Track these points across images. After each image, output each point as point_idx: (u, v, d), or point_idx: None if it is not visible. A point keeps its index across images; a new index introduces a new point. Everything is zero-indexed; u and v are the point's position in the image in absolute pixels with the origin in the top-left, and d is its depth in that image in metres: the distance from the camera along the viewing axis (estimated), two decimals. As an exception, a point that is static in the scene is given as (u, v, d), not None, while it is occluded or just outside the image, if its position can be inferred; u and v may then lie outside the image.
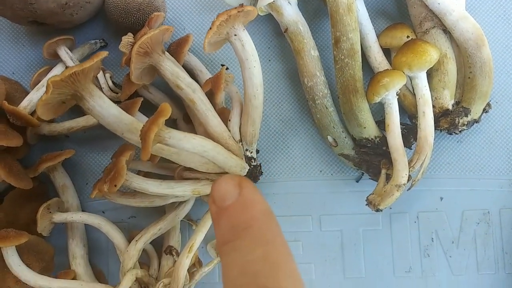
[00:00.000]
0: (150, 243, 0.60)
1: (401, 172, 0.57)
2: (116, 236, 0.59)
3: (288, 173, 0.66)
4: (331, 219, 0.65)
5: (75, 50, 0.66)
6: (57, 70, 0.63)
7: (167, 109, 0.46)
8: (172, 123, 0.64)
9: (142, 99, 0.59)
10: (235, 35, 0.54)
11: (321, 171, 0.66)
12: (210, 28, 0.52)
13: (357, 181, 0.65)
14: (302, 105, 0.67)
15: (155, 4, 0.63)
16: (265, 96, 0.67)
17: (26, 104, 0.61)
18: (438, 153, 0.65)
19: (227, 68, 0.62)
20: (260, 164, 0.62)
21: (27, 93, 0.67)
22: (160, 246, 0.63)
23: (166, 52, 0.60)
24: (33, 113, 0.62)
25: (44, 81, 0.62)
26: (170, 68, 0.55)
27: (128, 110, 0.57)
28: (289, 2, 0.60)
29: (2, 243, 0.55)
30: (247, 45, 0.54)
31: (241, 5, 0.52)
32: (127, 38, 0.58)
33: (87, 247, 0.63)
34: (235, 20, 0.53)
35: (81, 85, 0.47)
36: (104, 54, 0.49)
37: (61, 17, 0.61)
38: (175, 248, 0.60)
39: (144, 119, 0.60)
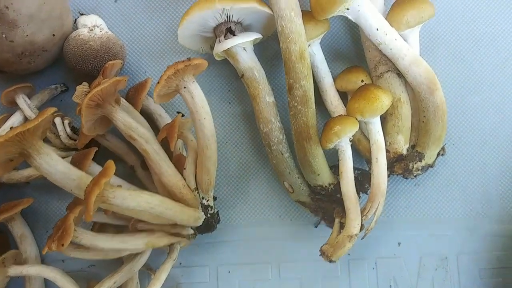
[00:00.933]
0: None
1: (353, 222, 0.56)
2: (70, 289, 0.59)
3: (247, 218, 0.66)
4: (290, 267, 0.64)
5: (35, 96, 0.66)
6: (15, 118, 0.63)
7: (110, 169, 0.47)
8: (130, 170, 0.65)
9: (96, 149, 0.59)
10: (185, 87, 0.54)
11: (280, 216, 0.66)
12: (158, 82, 0.52)
13: (315, 226, 0.65)
14: (262, 148, 0.67)
15: (112, 50, 0.64)
16: (225, 138, 0.68)
17: (-17, 151, 0.61)
18: (395, 197, 0.65)
19: (182, 115, 0.63)
20: (217, 211, 0.61)
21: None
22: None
23: (122, 99, 0.61)
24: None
25: (1, 130, 0.62)
26: (123, 119, 0.56)
27: (81, 161, 0.58)
28: (244, 49, 0.61)
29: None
30: (197, 97, 0.55)
31: (189, 59, 0.52)
32: (81, 88, 0.59)
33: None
34: (184, 73, 0.53)
35: (28, 143, 0.47)
36: (51, 110, 0.49)
37: (18, 65, 0.61)
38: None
39: (98, 169, 0.60)
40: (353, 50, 0.68)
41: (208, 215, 0.60)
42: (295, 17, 0.57)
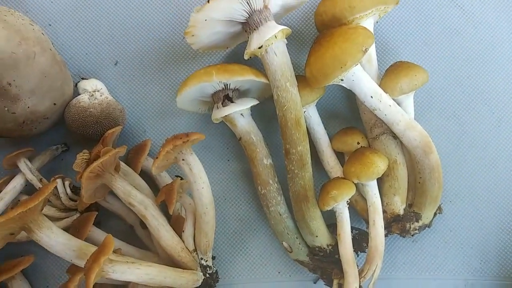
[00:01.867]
0: None
1: (352, 285, 0.57)
2: None
3: (247, 274, 0.66)
4: (290, 324, 0.65)
5: (36, 158, 0.67)
6: (17, 182, 0.64)
7: (109, 247, 0.48)
8: (130, 229, 0.66)
9: (95, 214, 0.60)
10: (183, 159, 0.56)
11: (279, 272, 0.66)
12: (157, 157, 0.54)
13: (314, 283, 0.66)
14: (260, 205, 0.68)
15: (112, 115, 0.65)
16: (223, 195, 0.69)
17: (-14, 218, 0.62)
18: (393, 254, 0.66)
19: (181, 178, 0.64)
20: (216, 270, 0.62)
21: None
22: None
23: (121, 163, 0.62)
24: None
25: (3, 194, 0.63)
26: (122, 187, 0.57)
27: (81, 227, 0.59)
28: (241, 115, 0.62)
29: None
30: (195, 168, 0.56)
31: (187, 134, 0.54)
32: (82, 156, 0.60)
33: None
34: (182, 147, 0.54)
35: (28, 219, 0.49)
36: (52, 186, 0.50)
37: (20, 132, 0.63)
38: None
39: (99, 233, 0.61)
40: (349, 111, 0.70)
41: (207, 275, 0.60)
42: (291, 87, 0.59)
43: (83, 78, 0.69)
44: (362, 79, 0.59)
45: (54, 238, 0.51)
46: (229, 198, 0.69)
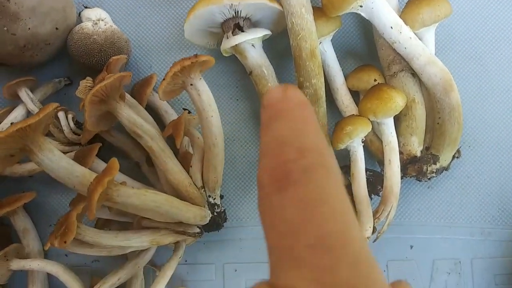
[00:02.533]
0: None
1: (365, 225, 0.55)
2: (74, 285, 0.57)
3: (255, 217, 0.64)
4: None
5: (38, 90, 0.64)
6: (18, 112, 0.62)
7: (114, 168, 0.45)
8: (135, 166, 0.63)
9: (100, 145, 0.57)
10: (191, 84, 0.52)
11: (287, 215, 0.64)
12: (164, 79, 0.50)
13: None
14: (269, 147, 0.65)
15: (117, 45, 0.62)
16: (232, 135, 0.66)
17: (-16, 147, 0.60)
18: (407, 200, 0.63)
19: (189, 112, 0.61)
20: (224, 210, 0.60)
21: (-11, 132, 0.66)
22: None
23: (126, 95, 0.59)
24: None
25: (3, 124, 0.61)
26: (128, 115, 0.54)
27: (84, 157, 0.56)
28: (253, 45, 0.59)
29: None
30: (204, 95, 0.53)
31: (196, 55, 0.51)
32: (85, 83, 0.57)
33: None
34: (190, 70, 0.51)
35: (29, 139, 0.46)
36: (54, 105, 0.48)
37: (21, 58, 0.60)
38: (136, 297, 0.59)
39: (102, 165, 0.59)
40: (365, 48, 0.66)
41: (215, 213, 0.58)
42: (306, 14, 0.55)
43: (86, 7, 0.66)
44: (382, 7, 0.55)
45: (56, 162, 0.48)
46: (238, 138, 0.66)
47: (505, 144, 0.63)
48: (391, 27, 0.56)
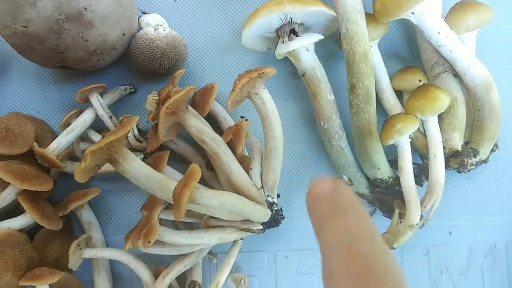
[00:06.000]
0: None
1: (414, 212, 0.60)
2: (143, 272, 0.62)
3: (304, 209, 0.68)
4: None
5: (106, 96, 0.67)
6: (88, 115, 0.65)
7: (197, 172, 0.49)
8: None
9: (168, 152, 0.62)
10: (256, 94, 0.57)
11: (335, 206, 0.69)
12: (233, 90, 0.54)
13: (370, 215, 0.69)
14: (317, 143, 0.70)
15: (178, 49, 0.66)
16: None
17: (55, 147, 0.64)
18: (447, 189, 0.68)
19: (246, 119, 0.65)
20: (281, 208, 0.64)
21: (52, 132, 0.70)
22: (181, 280, 0.66)
23: (189, 107, 0.63)
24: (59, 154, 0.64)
25: (73, 125, 0.64)
26: (195, 124, 0.58)
27: (156, 165, 0.60)
28: (307, 49, 0.63)
29: (37, 282, 0.58)
30: (268, 103, 0.57)
31: (261, 68, 0.54)
32: (152, 97, 0.61)
33: (112, 281, 0.66)
34: (255, 81, 0.55)
35: (115, 150, 0.50)
36: (136, 118, 0.52)
37: (88, 63, 0.63)
38: (198, 283, 0.63)
39: (171, 171, 0.63)
40: (407, 51, 0.71)
41: (273, 211, 0.62)
42: (361, 20, 0.60)
43: (144, 13, 0.69)
44: (431, 14, 0.59)
45: (138, 170, 0.52)
46: (287, 136, 0.71)
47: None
48: (439, 32, 0.60)
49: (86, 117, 0.64)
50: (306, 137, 0.70)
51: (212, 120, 0.68)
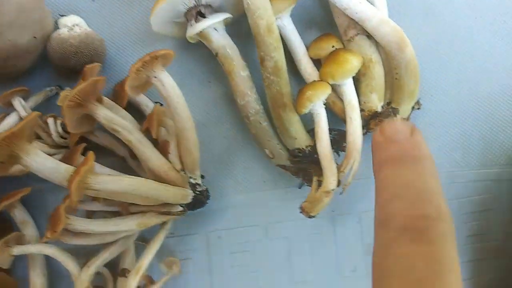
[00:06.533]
0: (106, 266, 0.64)
1: (330, 178, 0.59)
2: (69, 263, 0.63)
3: (235, 187, 0.69)
4: (277, 227, 0.68)
5: (30, 99, 0.69)
6: (11, 119, 0.67)
7: (89, 159, 0.50)
8: (122, 161, 0.68)
9: (84, 145, 0.63)
10: (155, 77, 0.57)
11: (264, 181, 0.69)
12: (129, 75, 0.55)
13: (299, 188, 0.68)
14: (243, 122, 0.70)
15: (92, 45, 0.67)
16: (207, 118, 0.71)
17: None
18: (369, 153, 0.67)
19: (161, 104, 0.66)
20: (206, 188, 0.65)
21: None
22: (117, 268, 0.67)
23: (105, 98, 0.64)
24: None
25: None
26: (104, 114, 0.59)
27: (71, 157, 0.62)
28: (215, 29, 0.63)
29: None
30: (167, 84, 0.58)
31: (155, 52, 0.55)
32: (65, 93, 0.63)
33: (47, 276, 0.67)
34: (152, 64, 0.56)
35: (16, 146, 0.51)
36: (36, 114, 0.53)
37: (4, 69, 0.65)
38: (128, 270, 0.64)
39: (99, 168, 0.64)
40: (323, 20, 0.70)
41: (197, 192, 0.63)
42: (259, -8, 0.59)
43: (62, 16, 0.71)
44: (328, -23, 0.59)
45: (42, 163, 0.53)
46: (213, 119, 0.71)
47: (465, 90, 0.67)
48: (341, -5, 0.59)
49: (10, 121, 0.67)
50: (231, 119, 0.70)
51: (138, 110, 0.69)
